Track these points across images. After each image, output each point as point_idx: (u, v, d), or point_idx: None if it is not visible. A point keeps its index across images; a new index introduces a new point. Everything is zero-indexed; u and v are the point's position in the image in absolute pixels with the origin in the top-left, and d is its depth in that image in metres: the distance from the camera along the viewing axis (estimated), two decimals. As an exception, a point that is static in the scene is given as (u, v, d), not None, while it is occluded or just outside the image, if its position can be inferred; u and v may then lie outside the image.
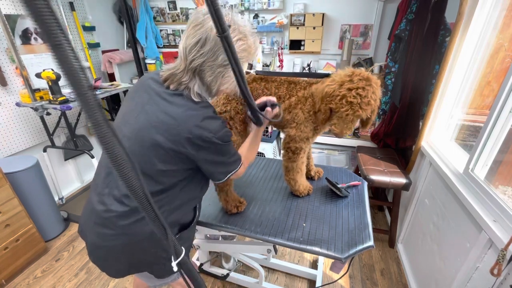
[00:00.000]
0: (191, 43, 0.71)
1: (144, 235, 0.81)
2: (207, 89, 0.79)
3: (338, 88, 0.90)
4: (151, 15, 2.85)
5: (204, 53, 0.72)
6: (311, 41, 2.38)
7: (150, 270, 0.92)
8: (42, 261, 1.86)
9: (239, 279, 1.63)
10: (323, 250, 0.98)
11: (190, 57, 0.73)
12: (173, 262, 0.59)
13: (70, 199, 2.52)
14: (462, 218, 1.19)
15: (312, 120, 1.08)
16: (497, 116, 1.04)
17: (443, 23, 1.57)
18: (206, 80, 0.76)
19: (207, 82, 0.77)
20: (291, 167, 1.18)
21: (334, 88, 0.91)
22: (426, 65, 1.65)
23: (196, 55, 0.72)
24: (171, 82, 0.77)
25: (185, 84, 0.76)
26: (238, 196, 1.21)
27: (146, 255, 0.87)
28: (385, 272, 1.75)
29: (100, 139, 0.37)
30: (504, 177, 1.09)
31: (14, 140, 2.04)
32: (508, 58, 1.24)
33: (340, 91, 0.89)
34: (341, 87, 0.89)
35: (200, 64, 0.73)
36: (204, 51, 0.71)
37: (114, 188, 0.79)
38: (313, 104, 1.04)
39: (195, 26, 0.71)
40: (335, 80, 0.93)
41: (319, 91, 0.97)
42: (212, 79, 0.76)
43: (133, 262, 0.88)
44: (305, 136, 1.10)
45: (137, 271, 0.93)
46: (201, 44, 0.71)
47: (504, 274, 0.87)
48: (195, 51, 0.72)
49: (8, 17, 1.89)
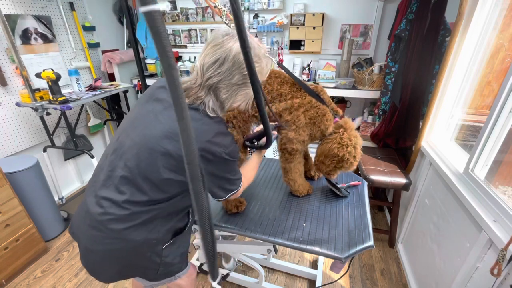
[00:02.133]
0: (210, 62, 0.74)
1: (138, 241, 0.81)
2: (220, 105, 0.81)
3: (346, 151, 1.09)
4: (151, 15, 2.84)
5: (222, 72, 0.74)
6: (311, 41, 2.38)
7: (142, 274, 0.92)
8: (42, 261, 1.86)
9: (239, 279, 1.63)
10: (323, 250, 0.98)
11: (207, 75, 0.75)
12: (213, 283, 0.63)
13: (70, 199, 2.52)
14: (462, 218, 1.19)
15: (311, 128, 1.10)
16: (497, 116, 1.04)
17: (443, 23, 1.57)
18: (221, 97, 0.78)
19: (222, 99, 0.79)
20: (288, 168, 1.19)
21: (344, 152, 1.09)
22: (426, 65, 1.65)
23: (214, 73, 0.75)
24: (187, 95, 0.78)
25: (201, 99, 0.78)
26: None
27: (139, 259, 0.86)
28: (385, 272, 1.75)
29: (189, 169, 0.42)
30: (504, 177, 1.09)
31: (14, 140, 2.05)
32: (508, 58, 1.24)
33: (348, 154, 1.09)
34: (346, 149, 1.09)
35: (217, 82, 0.76)
36: (222, 70, 0.74)
37: (114, 191, 0.78)
38: (318, 117, 1.09)
39: (214, 46, 0.74)
40: (342, 142, 1.09)
41: (324, 149, 1.12)
42: (227, 97, 0.79)
43: (125, 267, 0.88)
44: (302, 139, 1.11)
45: (128, 276, 0.92)
46: (220, 63, 0.74)
47: (504, 274, 0.87)
48: (213, 70, 0.74)
49: (8, 17, 1.89)
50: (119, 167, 0.78)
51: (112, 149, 0.82)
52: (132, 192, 0.77)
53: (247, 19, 2.56)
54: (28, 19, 2.04)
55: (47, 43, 2.19)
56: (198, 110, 0.77)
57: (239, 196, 1.19)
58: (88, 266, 0.88)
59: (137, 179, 0.76)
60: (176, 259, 0.94)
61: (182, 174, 0.77)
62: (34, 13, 2.08)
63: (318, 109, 1.07)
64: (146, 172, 0.75)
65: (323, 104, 1.09)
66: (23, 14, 2.01)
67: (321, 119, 1.09)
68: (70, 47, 2.41)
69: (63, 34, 2.34)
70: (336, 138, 1.09)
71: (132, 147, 0.77)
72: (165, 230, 0.88)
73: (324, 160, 1.13)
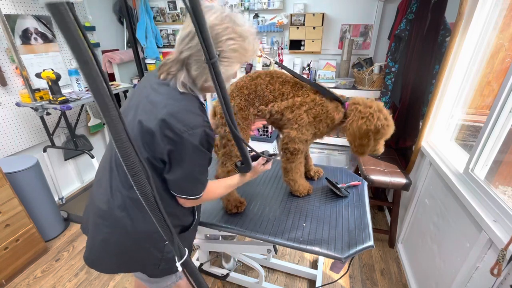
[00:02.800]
0: (183, 35, 0.70)
1: (137, 231, 0.82)
2: (192, 82, 0.76)
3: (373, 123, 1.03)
4: (151, 15, 2.85)
5: (192, 47, 0.69)
6: (311, 41, 2.38)
7: (142, 269, 0.91)
8: (42, 261, 1.86)
9: (239, 279, 1.63)
10: (323, 250, 0.98)
11: (179, 48, 0.72)
12: (177, 262, 0.59)
13: (70, 199, 2.52)
14: (462, 218, 1.19)
15: (315, 126, 1.09)
16: (497, 116, 1.04)
17: (443, 23, 1.57)
18: (192, 73, 0.74)
19: (193, 75, 0.74)
20: (289, 168, 1.19)
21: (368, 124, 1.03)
22: (426, 65, 1.65)
23: (185, 47, 0.70)
24: (162, 71, 0.77)
25: (173, 74, 0.75)
26: (239, 196, 1.21)
27: (139, 252, 0.86)
28: (385, 272, 1.75)
29: (113, 136, 0.41)
30: (504, 177, 1.09)
31: (14, 140, 2.04)
32: (508, 58, 1.24)
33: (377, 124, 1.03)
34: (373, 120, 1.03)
35: (187, 57, 0.71)
36: (192, 45, 0.69)
37: (115, 180, 0.80)
38: (322, 114, 1.07)
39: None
40: (364, 115, 1.04)
41: (354, 131, 1.06)
42: (198, 74, 0.73)
43: (124, 260, 0.88)
44: (304, 139, 1.10)
45: (128, 270, 0.92)
46: (191, 37, 0.69)
47: (504, 274, 0.87)
48: (184, 44, 0.70)
49: (8, 17, 1.89)
50: (118, 159, 0.80)
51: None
52: (130, 187, 0.78)
53: (247, 19, 2.56)
54: (28, 19, 2.04)
55: (47, 43, 2.19)
56: (168, 85, 0.75)
57: (239, 197, 1.20)
58: (89, 258, 0.90)
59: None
60: None
61: (153, 150, 0.73)
62: (34, 13, 2.08)
63: (322, 106, 1.06)
64: (139, 154, 0.76)
65: (327, 95, 1.08)
66: (23, 14, 2.01)
67: (327, 115, 1.07)
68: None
69: (63, 34, 2.34)
70: (356, 115, 1.05)
71: None
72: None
73: (361, 142, 1.07)
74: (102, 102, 0.37)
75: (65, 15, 0.31)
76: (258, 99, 1.08)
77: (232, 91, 1.08)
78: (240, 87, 1.07)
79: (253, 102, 1.08)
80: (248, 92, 1.07)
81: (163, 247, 0.87)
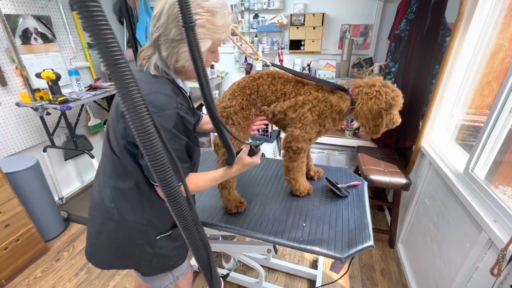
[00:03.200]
0: (153, 16, 0.70)
1: (126, 222, 0.83)
2: (165, 64, 0.74)
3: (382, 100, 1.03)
4: (151, 15, 2.85)
5: (159, 27, 0.68)
6: (311, 41, 2.38)
7: (136, 266, 0.90)
8: (42, 261, 1.86)
9: (239, 279, 1.63)
10: (323, 250, 0.98)
11: (150, 30, 0.72)
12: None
13: (70, 199, 2.52)
14: (462, 218, 1.19)
15: (320, 123, 1.08)
16: (497, 116, 1.04)
17: (443, 23, 1.57)
18: (162, 54, 0.72)
19: (164, 57, 0.72)
20: (291, 167, 1.18)
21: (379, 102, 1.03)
22: (426, 65, 1.65)
23: (153, 28, 0.70)
24: (139, 58, 0.77)
25: (147, 58, 0.75)
26: (240, 196, 1.20)
27: (131, 247, 0.86)
28: (385, 272, 1.75)
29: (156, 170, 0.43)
30: (504, 177, 1.09)
31: (14, 140, 2.04)
32: (508, 58, 1.24)
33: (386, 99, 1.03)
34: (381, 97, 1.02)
35: (157, 38, 0.71)
36: (159, 25, 0.68)
37: (108, 172, 0.82)
38: (327, 110, 1.06)
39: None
40: (371, 94, 1.03)
41: (366, 114, 1.05)
42: (168, 54, 0.71)
43: (119, 254, 0.88)
44: (308, 137, 1.10)
45: (123, 266, 0.92)
46: (157, 17, 0.68)
47: (504, 274, 0.87)
48: (152, 25, 0.70)
49: (8, 17, 1.89)
50: (108, 149, 0.81)
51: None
52: (117, 167, 0.79)
53: (247, 19, 2.56)
54: (28, 19, 2.04)
55: (47, 43, 2.19)
56: (142, 71, 0.75)
57: (240, 197, 1.20)
58: (87, 250, 0.92)
59: (117, 153, 0.77)
60: (172, 252, 0.92)
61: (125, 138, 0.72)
62: (34, 13, 2.08)
63: (326, 102, 1.05)
64: (113, 147, 0.77)
65: (328, 86, 1.07)
66: (23, 14, 2.01)
67: (331, 109, 1.07)
68: (70, 47, 2.41)
69: (63, 34, 2.34)
70: (364, 98, 1.04)
71: (109, 125, 0.79)
72: (157, 217, 0.85)
73: (375, 122, 1.06)
74: (121, 85, 0.36)
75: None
76: (260, 99, 1.08)
77: (234, 90, 1.08)
78: (242, 87, 1.07)
79: (255, 103, 1.08)
80: (250, 92, 1.07)
81: (154, 242, 0.87)
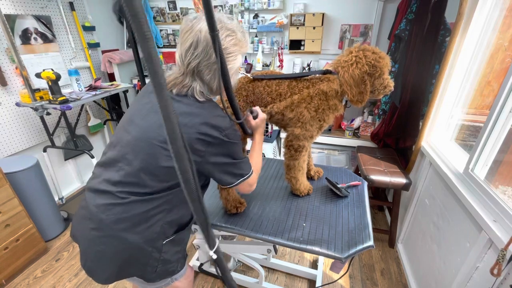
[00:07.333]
0: (185, 48, 0.76)
1: (136, 242, 0.81)
2: (208, 88, 0.83)
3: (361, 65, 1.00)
4: (151, 15, 2.85)
5: (198, 54, 0.76)
6: (311, 41, 2.38)
7: (141, 273, 0.89)
8: (42, 261, 1.86)
9: (239, 279, 1.63)
10: (323, 250, 0.98)
11: (186, 61, 0.77)
12: (210, 252, 0.69)
13: (70, 199, 2.52)
14: (462, 218, 1.19)
15: (319, 118, 1.08)
16: (497, 116, 1.04)
17: (443, 23, 1.57)
18: (205, 79, 0.80)
19: (207, 80, 0.80)
20: (292, 165, 1.18)
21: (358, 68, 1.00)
22: (426, 65, 1.65)
23: (192, 57, 0.76)
24: (173, 86, 0.80)
25: (188, 86, 0.80)
26: (239, 197, 1.21)
27: (139, 256, 0.85)
28: (385, 272, 1.75)
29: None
30: (504, 177, 1.09)
31: (14, 140, 2.04)
32: (508, 58, 1.24)
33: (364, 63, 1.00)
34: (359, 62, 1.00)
35: (197, 65, 0.77)
36: (198, 52, 0.75)
37: (113, 184, 0.79)
38: (322, 102, 1.06)
39: (186, 33, 0.76)
40: (350, 62, 1.01)
41: (347, 80, 1.03)
42: (211, 77, 0.79)
43: (122, 267, 0.85)
44: (309, 135, 1.11)
45: (126, 276, 0.90)
46: (194, 46, 0.75)
47: (504, 274, 0.87)
48: (190, 54, 0.76)
49: (8, 17, 1.89)
50: (118, 161, 0.80)
51: (111, 145, 0.85)
52: (132, 184, 0.78)
53: (247, 19, 2.57)
54: (28, 19, 2.04)
55: (47, 43, 2.19)
56: (186, 96, 0.80)
57: (239, 197, 1.20)
58: (86, 266, 0.88)
59: (136, 171, 0.77)
60: (174, 256, 0.93)
61: None
62: (34, 13, 2.08)
63: (319, 95, 1.04)
64: (145, 163, 0.77)
65: (315, 76, 1.07)
66: (23, 14, 2.01)
67: (327, 101, 1.06)
68: (70, 47, 2.41)
69: (63, 34, 2.34)
70: (344, 66, 1.02)
71: (130, 141, 0.79)
72: (167, 223, 0.86)
73: (359, 89, 1.03)
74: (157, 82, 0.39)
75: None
76: (257, 101, 1.09)
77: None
78: (238, 88, 1.08)
79: (252, 104, 1.09)
80: (246, 94, 1.08)
81: (161, 247, 0.87)
